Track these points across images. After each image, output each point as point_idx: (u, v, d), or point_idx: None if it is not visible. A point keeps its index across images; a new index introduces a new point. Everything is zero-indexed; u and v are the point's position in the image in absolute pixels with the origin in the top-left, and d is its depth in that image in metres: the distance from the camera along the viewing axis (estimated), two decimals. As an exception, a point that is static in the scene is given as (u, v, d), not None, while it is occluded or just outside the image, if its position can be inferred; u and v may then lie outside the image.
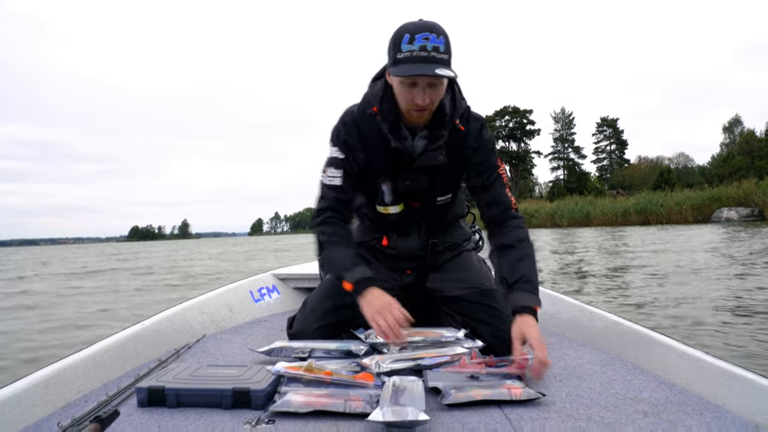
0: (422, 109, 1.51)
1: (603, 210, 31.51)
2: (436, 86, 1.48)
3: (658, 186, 36.76)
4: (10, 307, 6.41)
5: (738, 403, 1.21)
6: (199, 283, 8.42)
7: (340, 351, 1.56)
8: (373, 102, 1.61)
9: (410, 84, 1.47)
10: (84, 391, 1.36)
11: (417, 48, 1.41)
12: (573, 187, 50.03)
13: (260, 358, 1.64)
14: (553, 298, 2.13)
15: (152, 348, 1.69)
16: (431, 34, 1.42)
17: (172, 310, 1.93)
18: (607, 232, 20.48)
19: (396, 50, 1.45)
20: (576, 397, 1.29)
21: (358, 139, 1.65)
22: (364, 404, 1.17)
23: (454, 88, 1.64)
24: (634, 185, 47.41)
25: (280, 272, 2.69)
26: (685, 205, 27.82)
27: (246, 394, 1.22)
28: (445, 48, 1.44)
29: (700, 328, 3.57)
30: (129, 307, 5.99)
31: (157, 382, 1.26)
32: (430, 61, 1.41)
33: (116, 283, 9.35)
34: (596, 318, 1.86)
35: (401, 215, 1.74)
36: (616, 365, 1.56)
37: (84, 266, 15.47)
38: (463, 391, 1.26)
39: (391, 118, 1.59)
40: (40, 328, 4.85)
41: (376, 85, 1.64)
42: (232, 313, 2.24)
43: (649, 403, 1.25)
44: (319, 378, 1.30)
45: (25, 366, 3.36)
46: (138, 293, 7.50)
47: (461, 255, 1.88)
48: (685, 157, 57.04)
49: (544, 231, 26.83)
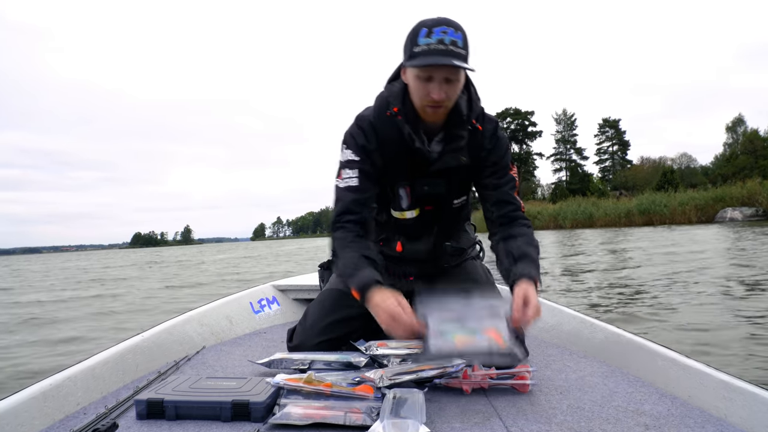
0: (437, 106, 1.49)
1: (606, 211, 31.47)
2: (452, 82, 1.47)
3: (661, 186, 36.58)
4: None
5: (740, 415, 1.20)
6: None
7: (340, 363, 1.55)
8: (393, 102, 1.58)
9: (426, 78, 1.46)
10: (83, 404, 1.35)
11: (435, 41, 1.41)
12: (575, 189, 50.04)
13: (260, 369, 1.64)
14: (553, 309, 2.12)
15: (151, 360, 1.68)
16: (449, 28, 1.42)
17: (172, 321, 1.92)
18: (613, 233, 20.23)
19: (413, 44, 1.44)
20: (577, 410, 1.28)
21: (377, 145, 1.62)
22: (365, 416, 1.17)
23: (470, 89, 1.62)
24: (636, 186, 47.36)
25: (280, 283, 2.69)
26: (689, 205, 27.77)
27: (245, 407, 1.21)
28: (463, 44, 1.43)
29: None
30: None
31: (156, 394, 1.26)
32: (448, 54, 1.40)
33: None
34: (597, 330, 1.85)
35: (416, 220, 1.73)
36: (617, 377, 1.55)
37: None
38: (445, 339, 1.24)
39: (412, 117, 1.57)
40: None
41: (394, 86, 1.61)
42: (232, 324, 2.24)
43: (650, 415, 1.24)
44: (319, 390, 1.29)
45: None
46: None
47: (465, 263, 1.87)
48: (687, 158, 56.99)
49: (548, 233, 26.67)
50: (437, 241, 1.80)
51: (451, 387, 1.42)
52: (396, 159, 1.63)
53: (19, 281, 14.81)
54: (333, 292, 1.76)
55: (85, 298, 8.55)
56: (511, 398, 1.37)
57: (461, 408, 1.30)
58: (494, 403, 1.33)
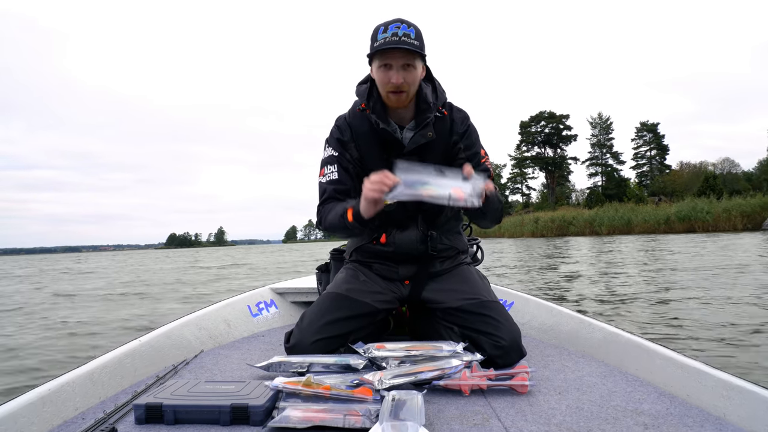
0: (398, 91, 1.68)
1: (645, 217, 30.73)
2: (409, 68, 1.67)
3: (703, 192, 35.51)
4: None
5: (738, 414, 1.20)
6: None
7: (339, 365, 1.55)
8: (360, 99, 1.81)
9: (386, 66, 1.66)
10: (81, 409, 1.35)
11: (389, 35, 1.64)
12: (612, 194, 48.85)
13: (258, 373, 1.64)
14: (552, 310, 2.12)
15: (150, 364, 1.68)
16: (402, 24, 1.65)
17: (170, 325, 1.92)
18: (653, 241, 19.33)
19: (373, 40, 1.67)
20: (576, 410, 1.28)
21: (351, 136, 1.83)
22: (364, 419, 1.17)
23: (435, 81, 1.83)
24: (676, 192, 45.71)
25: (278, 287, 2.68)
26: (735, 212, 26.91)
27: (244, 410, 1.21)
28: (416, 36, 1.65)
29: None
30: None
31: (155, 398, 1.25)
32: (401, 43, 1.62)
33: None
34: (596, 330, 1.86)
35: (399, 205, 1.76)
36: (616, 377, 1.55)
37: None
38: (414, 187, 1.44)
39: (378, 108, 1.77)
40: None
41: (362, 87, 1.83)
42: (230, 328, 2.23)
43: (649, 415, 1.25)
44: (318, 393, 1.29)
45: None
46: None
47: (460, 267, 1.89)
48: (730, 163, 52.94)
49: (584, 239, 25.65)
50: (424, 231, 1.84)
51: (449, 388, 1.42)
52: (370, 148, 1.81)
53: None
54: (331, 296, 1.76)
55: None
56: (509, 399, 1.37)
57: (460, 409, 1.30)
58: (493, 404, 1.33)
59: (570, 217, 35.78)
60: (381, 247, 1.85)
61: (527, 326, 2.16)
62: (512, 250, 18.85)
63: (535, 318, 2.17)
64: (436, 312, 1.81)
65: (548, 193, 58.38)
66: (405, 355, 1.55)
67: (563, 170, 60.11)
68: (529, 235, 37.91)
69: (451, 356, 1.55)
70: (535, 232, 37.66)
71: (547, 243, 23.81)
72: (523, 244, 23.67)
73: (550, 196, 57.15)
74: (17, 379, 3.26)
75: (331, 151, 1.84)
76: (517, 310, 2.24)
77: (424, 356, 1.55)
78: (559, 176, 59.58)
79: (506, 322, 1.65)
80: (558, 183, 59.51)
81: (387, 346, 1.61)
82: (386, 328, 2.09)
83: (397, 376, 1.41)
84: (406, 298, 1.86)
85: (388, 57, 1.65)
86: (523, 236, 38.09)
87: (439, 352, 1.57)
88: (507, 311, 1.73)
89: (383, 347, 1.60)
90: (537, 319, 2.16)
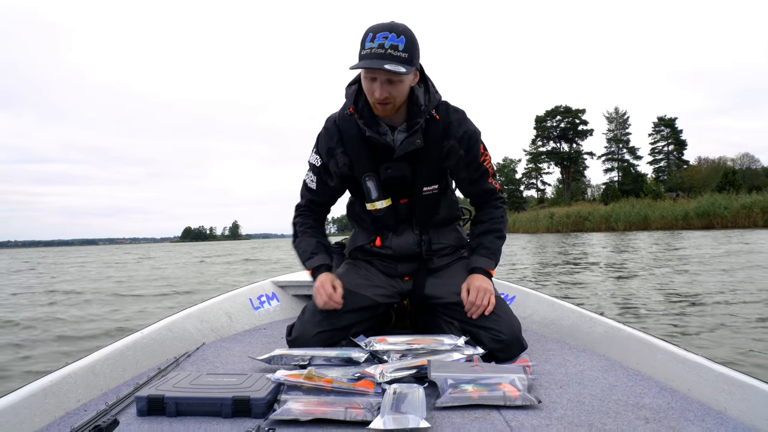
0: (384, 103, 1.61)
1: (662, 213, 30.41)
2: (394, 83, 1.58)
3: (722, 188, 34.99)
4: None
5: (740, 408, 1.20)
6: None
7: (341, 358, 1.55)
8: (348, 103, 1.74)
9: (371, 79, 1.59)
10: (83, 401, 1.35)
11: (376, 45, 1.53)
12: (628, 189, 48.43)
13: (260, 366, 1.64)
14: (553, 304, 2.12)
15: (151, 356, 1.68)
16: (391, 33, 1.54)
17: (172, 318, 1.92)
18: (672, 237, 18.72)
19: (361, 47, 1.57)
20: (577, 404, 1.28)
21: (339, 141, 1.77)
22: (365, 412, 1.17)
23: (428, 82, 1.74)
24: (694, 187, 44.99)
25: (280, 279, 2.69)
26: (755, 208, 26.44)
27: (246, 403, 1.21)
28: (404, 47, 1.54)
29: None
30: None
31: (157, 390, 1.26)
32: (385, 57, 1.52)
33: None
34: (597, 324, 1.86)
35: (390, 210, 1.78)
36: (617, 371, 1.55)
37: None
38: (460, 390, 1.26)
39: (366, 113, 1.69)
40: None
41: (351, 89, 1.75)
42: (232, 320, 2.24)
43: (650, 409, 1.25)
44: (320, 386, 1.29)
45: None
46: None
47: (459, 261, 1.89)
48: (749, 158, 52.14)
49: (599, 235, 25.12)
50: (420, 233, 1.85)
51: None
52: (358, 152, 1.76)
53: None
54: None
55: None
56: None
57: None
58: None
59: (586, 212, 35.45)
60: (378, 249, 1.86)
61: (528, 320, 2.16)
62: (530, 246, 18.02)
63: (537, 312, 2.17)
64: (436, 307, 1.81)
65: (563, 189, 57.98)
66: (406, 348, 1.55)
67: (579, 165, 59.70)
68: (544, 230, 37.72)
69: (452, 350, 1.55)
70: (550, 227, 37.47)
71: (563, 239, 23.06)
72: (538, 242, 22.27)
73: (565, 192, 56.81)
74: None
75: (316, 159, 1.82)
76: (518, 304, 2.24)
77: (426, 350, 1.55)
78: (574, 171, 59.17)
79: (505, 315, 1.65)
80: (573, 178, 59.08)
81: (388, 340, 1.61)
82: (388, 321, 2.09)
83: (399, 369, 1.41)
84: (406, 293, 1.87)
85: (373, 70, 1.56)
86: (538, 231, 37.83)
87: (441, 346, 1.57)
88: (507, 305, 1.73)
89: (385, 340, 1.60)
90: (538, 313, 2.16)
